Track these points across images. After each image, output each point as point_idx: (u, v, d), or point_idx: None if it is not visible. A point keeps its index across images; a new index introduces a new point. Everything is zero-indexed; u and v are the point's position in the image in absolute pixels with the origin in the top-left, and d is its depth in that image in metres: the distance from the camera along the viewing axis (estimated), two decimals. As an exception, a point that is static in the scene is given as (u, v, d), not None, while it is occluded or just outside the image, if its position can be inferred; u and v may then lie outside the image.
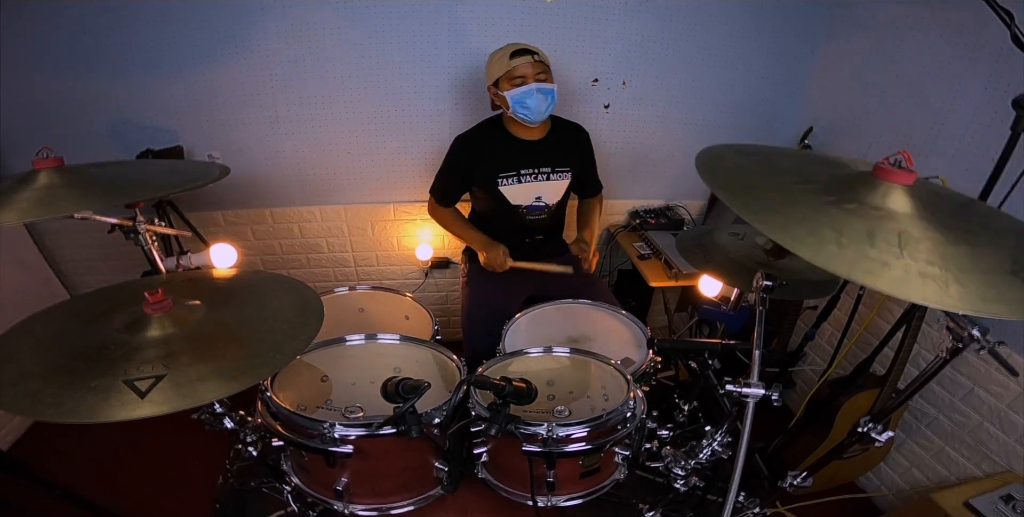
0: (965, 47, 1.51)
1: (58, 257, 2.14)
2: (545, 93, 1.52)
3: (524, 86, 1.50)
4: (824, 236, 0.68)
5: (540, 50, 1.53)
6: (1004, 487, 1.37)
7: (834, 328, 1.98)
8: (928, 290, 0.63)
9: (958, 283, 0.64)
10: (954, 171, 1.46)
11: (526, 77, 1.50)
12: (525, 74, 1.50)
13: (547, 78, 1.53)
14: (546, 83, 1.52)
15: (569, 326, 1.49)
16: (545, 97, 1.52)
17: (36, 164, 1.05)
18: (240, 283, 1.11)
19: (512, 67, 1.49)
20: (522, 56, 1.49)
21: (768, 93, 2.13)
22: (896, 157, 0.76)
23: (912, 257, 0.66)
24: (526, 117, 1.55)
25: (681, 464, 1.11)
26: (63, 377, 0.78)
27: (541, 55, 1.52)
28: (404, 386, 0.92)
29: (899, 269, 0.64)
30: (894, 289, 0.63)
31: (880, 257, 0.65)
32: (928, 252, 0.67)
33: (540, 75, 1.51)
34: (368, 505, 1.11)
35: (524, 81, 1.50)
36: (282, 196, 2.14)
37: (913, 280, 0.63)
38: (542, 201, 1.74)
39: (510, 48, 1.51)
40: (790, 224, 0.70)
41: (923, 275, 0.64)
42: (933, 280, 0.64)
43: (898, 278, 0.63)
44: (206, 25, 1.74)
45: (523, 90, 1.50)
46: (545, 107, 1.54)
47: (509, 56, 1.50)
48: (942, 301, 0.62)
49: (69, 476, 1.79)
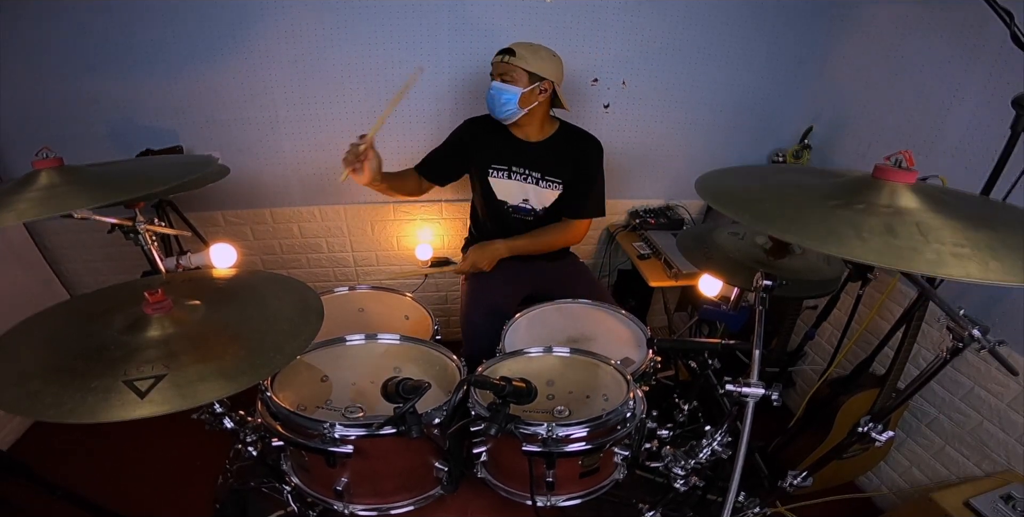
0: (965, 47, 1.51)
1: (58, 257, 2.15)
2: (496, 91, 1.52)
3: (491, 81, 1.54)
4: (843, 233, 0.68)
5: (525, 53, 1.49)
6: (1004, 486, 1.37)
7: (834, 327, 1.98)
8: (970, 267, 0.63)
9: (996, 259, 0.64)
10: (954, 171, 1.46)
11: (493, 75, 1.53)
12: (493, 72, 1.53)
13: (512, 79, 1.50)
14: (505, 83, 1.51)
15: (569, 326, 1.49)
16: (496, 96, 1.52)
17: (36, 164, 1.05)
18: (240, 283, 1.11)
19: (492, 62, 1.54)
20: (498, 54, 1.52)
21: (768, 93, 2.13)
22: (896, 156, 0.76)
23: (939, 241, 0.66)
24: (490, 111, 1.58)
25: (681, 464, 1.11)
26: (63, 377, 0.78)
27: (519, 58, 1.48)
28: (404, 386, 0.92)
29: (931, 253, 0.64)
30: (935, 270, 0.63)
31: (908, 244, 0.65)
32: (953, 236, 0.67)
33: (503, 76, 1.51)
34: (368, 505, 1.11)
35: (492, 78, 1.54)
36: (282, 196, 2.14)
37: (949, 261, 0.63)
38: (529, 204, 1.73)
39: None
40: (808, 227, 0.70)
41: (957, 256, 0.64)
42: (969, 259, 0.64)
43: (933, 260, 0.63)
44: (206, 25, 1.74)
45: (491, 85, 1.54)
46: (497, 106, 1.54)
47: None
48: (987, 276, 0.62)
49: (69, 476, 1.79)
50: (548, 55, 1.53)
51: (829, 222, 0.71)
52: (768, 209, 0.77)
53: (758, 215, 0.75)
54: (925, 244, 0.66)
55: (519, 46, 1.51)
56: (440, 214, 2.26)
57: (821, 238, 0.68)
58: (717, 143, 2.22)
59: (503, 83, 1.51)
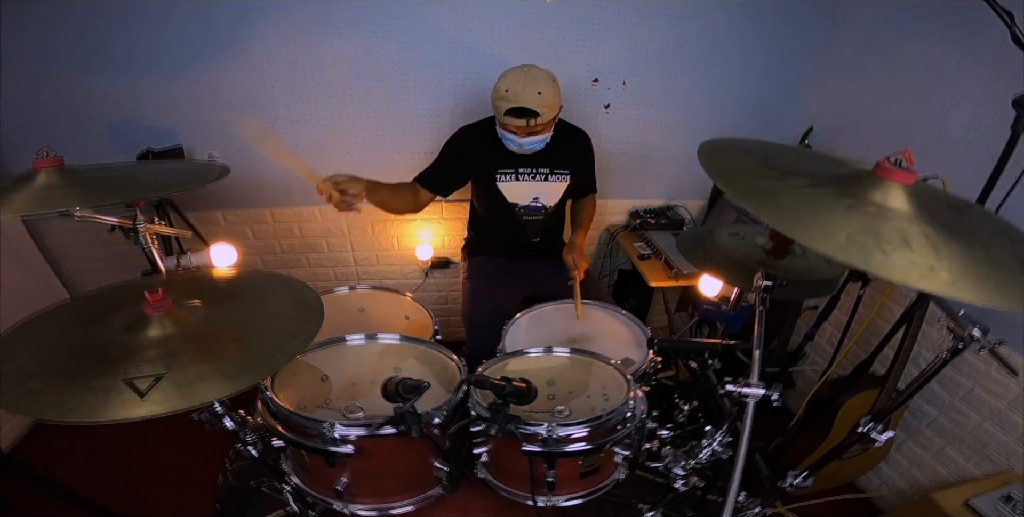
0: (965, 47, 1.51)
1: (58, 257, 2.14)
2: (532, 145, 1.54)
3: (511, 135, 1.51)
4: (865, 243, 0.66)
5: (545, 107, 1.42)
6: (1004, 487, 1.37)
7: (834, 328, 1.98)
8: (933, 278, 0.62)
9: (1015, 284, 0.63)
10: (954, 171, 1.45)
11: (515, 132, 1.50)
12: (514, 131, 1.50)
13: (543, 132, 1.50)
14: (536, 136, 1.51)
15: (569, 326, 1.49)
16: (532, 148, 1.55)
17: (36, 164, 1.05)
18: (240, 283, 1.11)
19: (504, 121, 1.48)
20: (517, 118, 1.44)
21: (768, 93, 2.13)
22: (896, 156, 0.76)
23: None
24: (508, 147, 1.57)
25: (681, 464, 1.11)
26: (63, 377, 0.78)
27: (542, 116, 1.43)
28: (404, 386, 0.92)
29: (944, 272, 0.63)
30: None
31: (924, 261, 0.64)
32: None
33: (531, 135, 1.50)
34: (368, 505, 1.11)
35: (513, 133, 1.50)
36: (282, 196, 2.13)
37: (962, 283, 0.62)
38: (539, 202, 1.74)
39: (511, 100, 1.41)
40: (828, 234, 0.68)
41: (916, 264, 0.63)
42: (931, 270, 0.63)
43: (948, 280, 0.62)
44: (206, 25, 1.74)
45: (508, 137, 1.53)
46: (530, 150, 1.56)
47: (505, 111, 1.44)
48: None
49: (69, 476, 1.79)
50: (554, 89, 1.46)
51: (849, 227, 0.69)
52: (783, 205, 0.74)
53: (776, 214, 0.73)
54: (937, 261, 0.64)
55: (530, 97, 1.41)
56: (440, 214, 2.27)
57: (843, 248, 0.65)
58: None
59: (532, 138, 1.51)
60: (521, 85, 1.41)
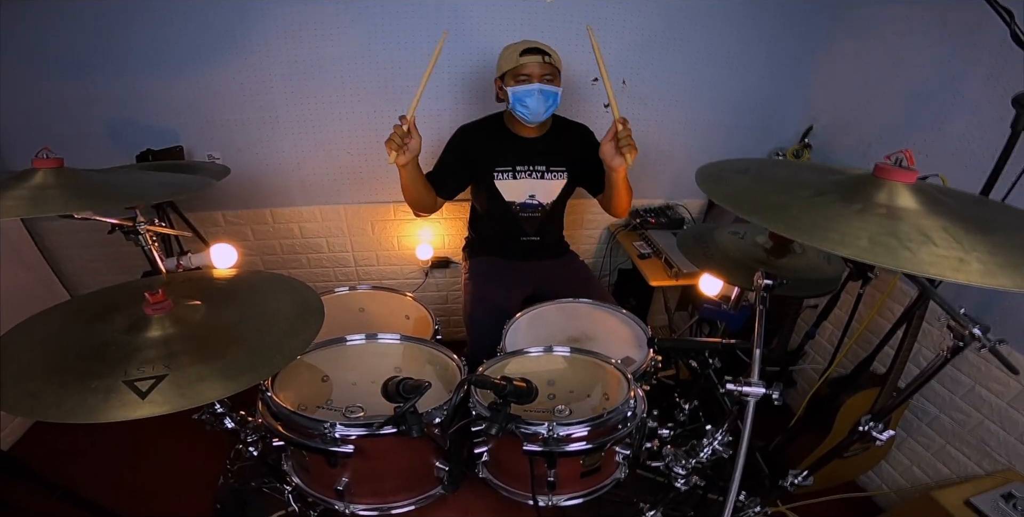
0: (965, 46, 1.51)
1: (58, 257, 2.15)
2: (547, 95, 1.51)
3: (527, 85, 1.49)
4: (888, 244, 0.66)
5: (555, 52, 1.51)
6: (1005, 485, 1.37)
7: (835, 327, 1.98)
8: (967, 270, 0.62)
9: (981, 262, 0.63)
10: (954, 170, 1.46)
11: (531, 76, 1.49)
12: (531, 73, 1.49)
13: (554, 80, 1.52)
14: (551, 85, 1.51)
15: (570, 325, 1.49)
16: (546, 99, 1.51)
17: (36, 164, 1.05)
18: (240, 283, 1.11)
19: (520, 64, 1.48)
20: (532, 55, 1.48)
21: (768, 92, 2.13)
22: (897, 155, 0.76)
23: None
24: (524, 116, 1.54)
25: (682, 463, 1.11)
26: (63, 377, 0.78)
27: (554, 57, 1.50)
28: (405, 386, 0.92)
29: (975, 262, 0.63)
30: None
31: (952, 254, 0.64)
32: (988, 245, 0.66)
33: (547, 76, 1.50)
34: (369, 505, 1.10)
35: (529, 80, 1.49)
36: (282, 196, 2.14)
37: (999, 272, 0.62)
38: (536, 199, 1.74)
39: (523, 45, 1.50)
40: (850, 239, 0.67)
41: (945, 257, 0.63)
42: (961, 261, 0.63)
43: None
44: (206, 25, 1.74)
45: (525, 89, 1.50)
46: (544, 109, 1.53)
47: (520, 53, 1.48)
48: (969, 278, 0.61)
49: (69, 476, 1.79)
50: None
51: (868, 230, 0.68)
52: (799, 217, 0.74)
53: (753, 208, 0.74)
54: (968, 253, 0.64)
55: (538, 44, 1.50)
56: (440, 214, 2.26)
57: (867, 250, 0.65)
58: (717, 142, 2.22)
59: (548, 85, 1.50)
60: (523, 41, 1.51)
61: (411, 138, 1.37)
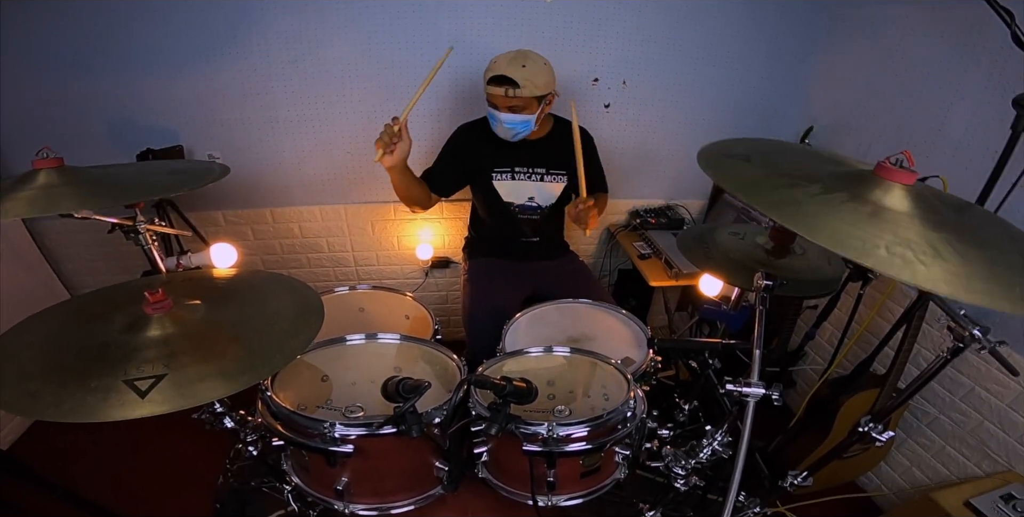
0: (965, 47, 1.51)
1: (58, 257, 2.14)
2: (510, 124, 1.52)
3: (493, 110, 1.52)
4: (905, 255, 0.65)
5: (528, 80, 1.44)
6: (1005, 486, 1.37)
7: (835, 327, 1.98)
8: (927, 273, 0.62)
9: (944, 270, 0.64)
10: (954, 171, 1.46)
11: (497, 106, 1.51)
12: (496, 103, 1.50)
13: (523, 109, 1.50)
14: (518, 114, 1.50)
15: (569, 326, 1.49)
16: (510, 128, 1.53)
17: (36, 164, 1.05)
18: (240, 283, 1.11)
19: (487, 90, 1.50)
20: (497, 86, 1.46)
21: (768, 92, 2.13)
22: (897, 156, 0.76)
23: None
24: (495, 133, 1.57)
25: (681, 463, 1.11)
26: (63, 377, 0.78)
27: (523, 88, 1.44)
28: (404, 386, 0.92)
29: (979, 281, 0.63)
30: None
31: (961, 269, 0.64)
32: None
33: (512, 106, 1.49)
34: (368, 505, 1.10)
35: (495, 107, 1.51)
36: (282, 196, 2.13)
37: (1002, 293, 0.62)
38: (535, 202, 1.74)
39: (496, 69, 1.45)
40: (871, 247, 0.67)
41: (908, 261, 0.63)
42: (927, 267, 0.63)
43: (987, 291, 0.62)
44: (206, 25, 1.74)
45: (491, 114, 1.53)
46: (512, 134, 1.55)
47: (488, 80, 1.47)
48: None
49: (69, 476, 1.79)
50: (542, 67, 1.48)
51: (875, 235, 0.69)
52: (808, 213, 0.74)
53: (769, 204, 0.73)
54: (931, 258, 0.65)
55: (513, 69, 1.44)
56: (440, 214, 2.26)
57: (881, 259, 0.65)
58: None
59: (513, 115, 1.50)
60: (507, 59, 1.47)
61: (400, 140, 1.39)
